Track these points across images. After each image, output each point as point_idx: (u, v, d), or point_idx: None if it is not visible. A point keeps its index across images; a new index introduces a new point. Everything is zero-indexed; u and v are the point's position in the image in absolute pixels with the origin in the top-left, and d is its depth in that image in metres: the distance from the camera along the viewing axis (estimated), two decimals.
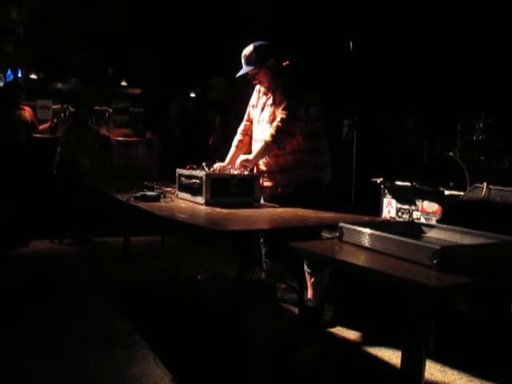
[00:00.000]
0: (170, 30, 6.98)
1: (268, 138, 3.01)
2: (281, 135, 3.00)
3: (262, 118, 3.22)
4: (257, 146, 3.19)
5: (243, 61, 3.16)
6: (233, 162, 3.37)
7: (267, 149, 3.04)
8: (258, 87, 3.40)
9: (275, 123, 3.01)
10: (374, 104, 6.27)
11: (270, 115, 3.13)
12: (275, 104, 3.11)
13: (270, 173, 3.14)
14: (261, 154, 3.07)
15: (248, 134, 3.44)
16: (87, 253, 5.44)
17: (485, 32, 5.13)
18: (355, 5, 6.04)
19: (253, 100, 3.43)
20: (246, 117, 3.48)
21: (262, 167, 3.16)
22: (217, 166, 3.22)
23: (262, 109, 3.23)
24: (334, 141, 6.19)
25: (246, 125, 3.46)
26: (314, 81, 3.29)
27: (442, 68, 5.55)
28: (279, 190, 3.13)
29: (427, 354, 1.52)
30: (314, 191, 3.11)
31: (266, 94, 3.26)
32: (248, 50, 3.15)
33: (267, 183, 3.15)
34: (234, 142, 3.47)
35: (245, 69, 3.15)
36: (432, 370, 2.65)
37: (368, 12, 5.96)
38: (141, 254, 4.92)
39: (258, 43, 3.15)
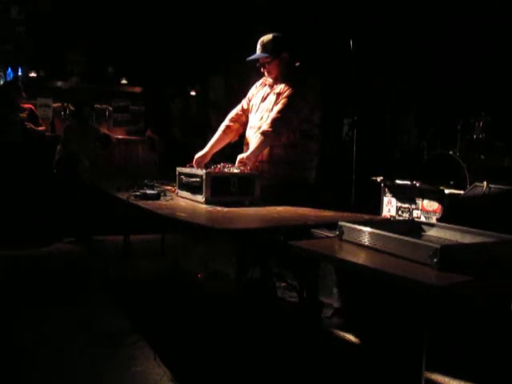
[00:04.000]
0: (170, 28, 6.97)
1: (266, 128, 2.98)
2: (278, 124, 2.97)
3: (261, 106, 3.21)
4: (252, 133, 3.19)
5: (259, 46, 3.20)
6: (216, 148, 3.38)
7: (266, 139, 2.99)
8: (257, 84, 3.41)
9: (273, 113, 3.01)
10: (374, 103, 6.27)
11: (275, 103, 3.11)
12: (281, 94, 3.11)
13: (260, 162, 3.12)
14: (259, 147, 3.00)
15: (238, 121, 3.44)
16: (87, 251, 5.43)
17: (485, 31, 5.13)
18: (356, 3, 6.03)
19: (250, 93, 3.43)
20: (239, 106, 3.47)
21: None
22: (196, 157, 3.25)
23: (265, 98, 3.23)
24: (334, 140, 6.23)
25: (237, 114, 3.45)
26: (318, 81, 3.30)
27: (443, 67, 5.55)
28: (265, 182, 3.11)
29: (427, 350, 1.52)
30: (299, 190, 3.10)
31: (271, 86, 3.26)
32: (267, 37, 3.18)
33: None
34: (221, 127, 3.44)
35: (258, 54, 3.19)
36: (432, 368, 2.65)
37: (368, 11, 5.95)
38: (141, 252, 4.92)
39: (277, 34, 3.19)
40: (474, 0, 5.34)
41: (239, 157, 3.01)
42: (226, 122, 3.47)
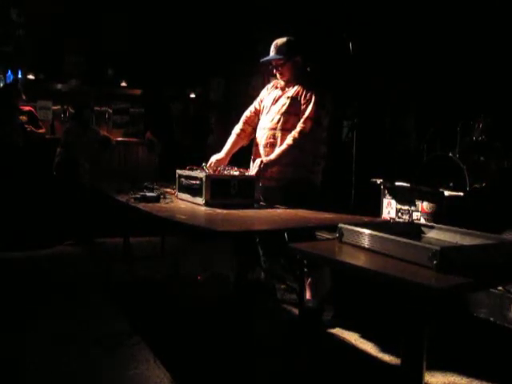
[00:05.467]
0: (170, 30, 6.98)
1: (291, 141, 3.03)
2: (304, 139, 3.04)
3: (272, 109, 3.25)
4: (262, 134, 3.23)
5: (272, 49, 3.24)
6: (232, 151, 3.42)
7: (290, 152, 3.05)
8: (268, 86, 3.45)
9: (300, 127, 3.05)
10: (374, 104, 6.27)
11: (287, 106, 3.15)
12: (298, 101, 3.14)
13: None
14: (283, 157, 3.05)
15: (251, 124, 3.46)
16: (87, 253, 5.44)
17: (484, 32, 5.13)
18: (354, 4, 6.04)
19: (262, 94, 3.46)
20: (251, 108, 3.50)
21: (262, 157, 3.16)
22: (213, 159, 3.29)
23: (276, 100, 3.26)
24: (333, 142, 6.22)
25: (250, 116, 3.47)
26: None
27: (442, 68, 5.55)
28: (273, 182, 3.13)
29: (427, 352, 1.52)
30: (306, 192, 3.12)
31: (282, 88, 3.30)
32: (281, 40, 3.24)
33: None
34: (236, 130, 3.47)
35: (272, 56, 3.24)
36: (433, 370, 2.65)
37: (367, 12, 5.96)
38: (141, 254, 4.92)
39: (291, 37, 3.25)
40: (475, 0, 5.34)
41: (261, 160, 3.03)
42: (240, 125, 3.48)
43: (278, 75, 3.29)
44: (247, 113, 3.50)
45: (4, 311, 3.51)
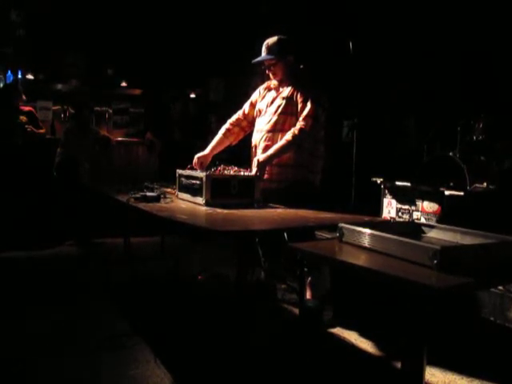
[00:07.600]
0: (170, 30, 6.98)
1: (290, 138, 3.01)
2: (304, 137, 3.03)
3: (268, 110, 3.24)
4: (259, 136, 3.22)
5: (264, 49, 3.22)
6: (216, 150, 3.42)
7: (288, 148, 3.04)
8: (261, 88, 3.42)
9: (300, 125, 3.03)
10: (374, 104, 6.27)
11: (283, 107, 3.14)
12: (294, 101, 3.13)
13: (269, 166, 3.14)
14: (280, 152, 3.04)
15: (238, 126, 3.47)
16: (87, 254, 5.44)
17: (485, 33, 5.13)
18: (355, 5, 6.04)
19: (254, 97, 3.45)
20: (240, 111, 3.50)
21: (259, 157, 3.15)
22: (196, 156, 3.30)
23: (271, 102, 3.25)
24: (333, 141, 6.23)
25: (238, 118, 3.49)
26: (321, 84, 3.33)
27: (443, 68, 5.55)
28: (274, 184, 3.12)
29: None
30: (306, 192, 3.12)
31: (276, 89, 3.29)
32: (272, 40, 3.20)
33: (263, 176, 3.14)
34: (222, 130, 3.48)
35: (264, 57, 3.21)
36: (433, 370, 2.65)
37: (368, 12, 5.96)
38: (141, 254, 4.92)
39: (282, 36, 3.21)
40: (475, 2, 5.34)
41: (255, 159, 3.02)
42: (227, 125, 3.49)
43: (270, 75, 3.28)
44: (235, 115, 3.51)
45: (4, 311, 3.51)
